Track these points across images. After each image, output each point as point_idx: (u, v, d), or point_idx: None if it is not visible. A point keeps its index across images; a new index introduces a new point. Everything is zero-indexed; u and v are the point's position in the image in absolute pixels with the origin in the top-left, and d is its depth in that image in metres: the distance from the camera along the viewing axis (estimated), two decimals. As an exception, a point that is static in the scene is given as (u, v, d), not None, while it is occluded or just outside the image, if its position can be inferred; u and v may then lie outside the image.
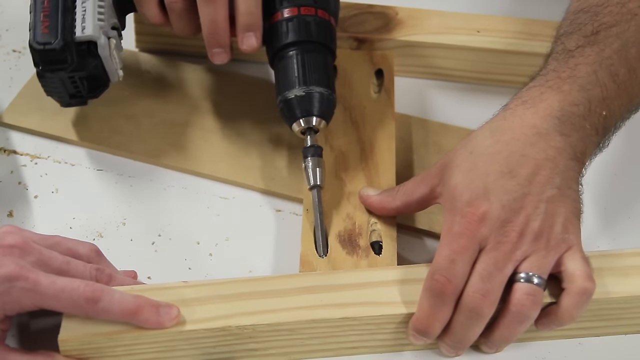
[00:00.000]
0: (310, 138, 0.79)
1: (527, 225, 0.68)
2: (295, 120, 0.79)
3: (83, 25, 0.77)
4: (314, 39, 0.81)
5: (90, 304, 0.66)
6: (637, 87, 0.76)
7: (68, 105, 0.83)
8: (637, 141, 0.90)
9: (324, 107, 0.79)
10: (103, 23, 0.78)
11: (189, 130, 0.88)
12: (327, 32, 0.82)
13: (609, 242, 0.81)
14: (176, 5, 0.79)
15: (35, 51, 0.76)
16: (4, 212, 0.81)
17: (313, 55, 0.80)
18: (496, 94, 0.75)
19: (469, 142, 0.73)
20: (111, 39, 0.79)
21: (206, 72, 0.94)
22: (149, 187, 0.84)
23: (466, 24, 0.94)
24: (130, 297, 0.67)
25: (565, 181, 0.70)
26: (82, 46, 0.77)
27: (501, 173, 0.69)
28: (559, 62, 0.75)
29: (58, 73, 0.77)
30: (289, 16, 0.81)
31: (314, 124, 0.79)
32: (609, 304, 0.71)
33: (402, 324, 0.70)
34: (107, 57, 0.78)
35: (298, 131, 0.80)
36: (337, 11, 0.85)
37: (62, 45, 0.76)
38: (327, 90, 0.79)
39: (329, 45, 0.82)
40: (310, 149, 0.79)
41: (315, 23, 0.81)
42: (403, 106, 0.91)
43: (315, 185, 0.78)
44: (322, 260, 0.76)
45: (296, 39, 0.80)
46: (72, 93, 0.80)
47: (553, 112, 0.71)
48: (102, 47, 0.78)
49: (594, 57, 0.74)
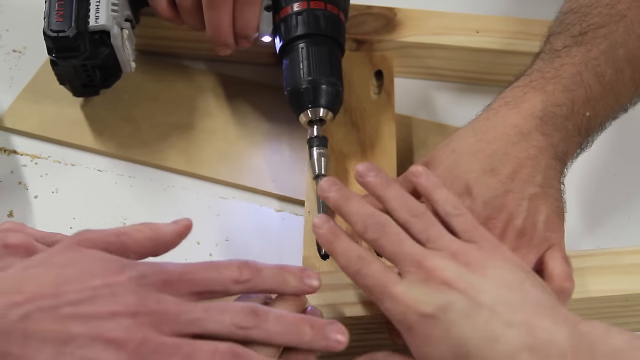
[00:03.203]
0: (317, 128, 0.80)
1: (510, 222, 0.68)
2: (302, 110, 0.79)
3: (97, 15, 0.79)
4: (323, 32, 0.81)
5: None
6: (624, 88, 0.76)
7: (80, 95, 0.84)
8: (637, 141, 0.90)
9: (331, 99, 0.80)
10: (116, 14, 0.80)
11: (188, 133, 0.88)
12: (336, 26, 0.83)
13: (609, 242, 0.81)
14: (186, 2, 0.81)
15: (49, 38, 0.78)
16: (4, 212, 0.81)
17: (322, 48, 0.81)
18: (496, 94, 0.75)
19: (451, 141, 0.73)
20: (124, 30, 0.81)
21: (205, 74, 0.94)
22: (149, 187, 0.84)
23: (465, 24, 0.94)
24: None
25: (547, 180, 0.70)
26: (95, 35, 0.79)
27: (483, 171, 0.70)
28: (545, 62, 0.75)
29: (71, 61, 0.79)
30: (298, 10, 0.82)
31: (321, 115, 0.79)
32: (611, 301, 0.71)
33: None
34: (120, 47, 0.80)
35: (305, 121, 0.80)
36: (347, 7, 0.86)
37: (76, 34, 0.78)
38: (335, 83, 0.80)
39: (337, 39, 0.82)
40: (315, 139, 0.79)
41: (324, 17, 0.82)
42: (403, 107, 0.91)
43: (320, 175, 0.78)
44: (324, 262, 0.76)
45: (306, 32, 0.81)
46: (84, 82, 0.82)
47: (535, 112, 0.72)
48: (114, 36, 0.79)
49: (580, 58, 0.74)
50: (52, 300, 0.56)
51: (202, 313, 0.59)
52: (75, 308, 0.57)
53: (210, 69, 0.93)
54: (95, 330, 0.56)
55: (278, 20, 0.83)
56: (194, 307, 0.59)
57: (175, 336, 0.58)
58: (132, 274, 0.59)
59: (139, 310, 0.57)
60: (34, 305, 0.56)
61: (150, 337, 0.57)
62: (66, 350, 0.55)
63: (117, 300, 0.57)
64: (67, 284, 0.58)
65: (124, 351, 0.56)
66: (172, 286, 0.60)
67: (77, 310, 0.57)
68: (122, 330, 0.56)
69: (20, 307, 0.56)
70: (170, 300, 0.59)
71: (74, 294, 0.57)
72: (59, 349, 0.55)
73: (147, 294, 0.58)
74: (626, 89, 0.76)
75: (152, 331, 0.57)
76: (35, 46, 0.77)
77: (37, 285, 0.57)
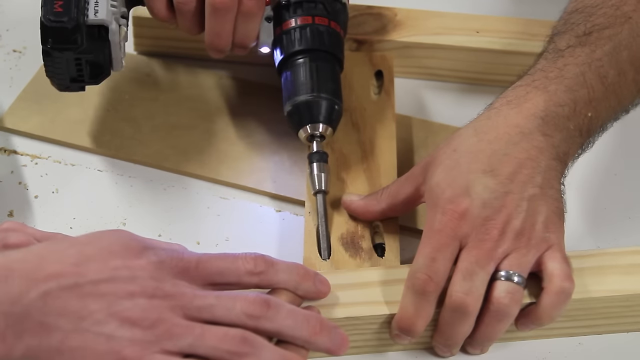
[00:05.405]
0: (317, 144, 0.79)
1: (509, 223, 0.68)
2: (302, 126, 0.79)
3: (96, 9, 0.77)
4: (326, 48, 0.81)
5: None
6: (627, 90, 0.76)
7: (66, 90, 0.81)
8: (638, 141, 0.90)
9: (331, 115, 0.80)
10: (115, 9, 0.78)
11: (189, 133, 0.88)
12: (337, 43, 0.83)
13: (609, 242, 0.81)
14: (186, 7, 0.80)
15: (46, 27, 0.76)
16: (4, 212, 0.81)
17: (324, 64, 0.81)
18: (496, 94, 0.75)
19: (452, 141, 0.73)
20: (121, 27, 0.79)
21: (206, 75, 0.94)
22: (149, 187, 0.84)
23: (465, 24, 0.94)
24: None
25: (547, 180, 0.70)
26: (93, 29, 0.77)
27: (483, 171, 0.69)
28: (548, 61, 0.75)
29: (66, 53, 0.77)
30: (302, 24, 0.81)
31: (320, 130, 0.79)
32: (611, 302, 0.71)
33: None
34: (117, 43, 0.79)
35: (305, 137, 0.80)
36: (346, 26, 0.86)
37: (74, 25, 0.76)
38: (335, 99, 0.80)
39: (338, 56, 0.82)
40: (315, 154, 0.79)
41: (328, 33, 0.82)
42: (403, 107, 0.91)
43: (320, 191, 0.78)
44: (325, 263, 0.76)
45: (309, 47, 0.81)
46: (73, 76, 0.79)
47: (537, 112, 0.72)
48: (112, 32, 0.78)
49: (584, 58, 0.74)
50: (73, 278, 0.59)
51: (214, 299, 0.61)
52: (94, 286, 0.59)
53: (211, 70, 0.93)
54: (112, 308, 0.58)
55: (279, 32, 0.82)
56: (207, 294, 0.62)
57: (188, 320, 0.60)
58: (152, 258, 0.62)
59: (155, 292, 0.60)
60: (55, 283, 0.58)
61: (165, 318, 0.59)
62: (83, 326, 0.58)
63: (135, 282, 0.60)
64: (89, 262, 0.60)
65: (138, 329, 0.58)
66: (188, 274, 0.62)
67: (96, 289, 0.59)
68: (138, 310, 0.59)
69: (41, 285, 0.58)
70: (185, 285, 0.62)
71: (94, 272, 0.59)
72: (76, 324, 0.58)
73: (164, 278, 0.61)
74: (628, 90, 0.76)
75: (167, 312, 0.59)
76: (36, 46, 0.76)
77: (58, 262, 0.60)
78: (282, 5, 0.83)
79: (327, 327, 0.64)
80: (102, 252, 0.61)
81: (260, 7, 0.80)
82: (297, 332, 0.63)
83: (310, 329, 0.63)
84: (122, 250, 0.62)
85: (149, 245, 0.63)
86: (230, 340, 0.60)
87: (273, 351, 0.61)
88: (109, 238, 0.63)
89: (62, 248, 0.62)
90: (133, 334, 0.58)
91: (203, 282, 0.63)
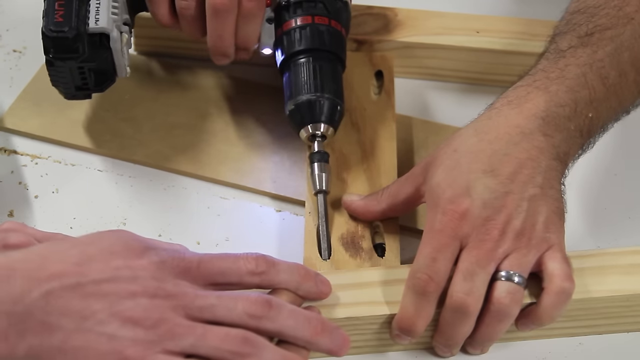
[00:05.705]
0: (318, 144, 0.79)
1: (509, 223, 0.68)
2: (303, 126, 0.80)
3: (97, 17, 0.77)
4: (327, 47, 0.81)
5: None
6: (627, 91, 0.76)
7: (72, 98, 0.82)
8: (638, 141, 0.90)
9: (333, 115, 0.80)
10: (116, 17, 0.79)
11: (189, 133, 0.88)
12: (339, 43, 0.83)
13: (609, 242, 0.81)
14: (187, 11, 0.80)
15: (48, 38, 0.77)
16: (4, 212, 0.81)
17: (325, 64, 0.81)
18: (496, 94, 0.75)
19: (453, 141, 0.73)
20: (123, 34, 0.80)
21: (206, 75, 0.94)
22: (149, 187, 0.84)
23: (465, 24, 0.94)
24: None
25: (547, 181, 0.70)
26: (95, 38, 0.78)
27: (483, 171, 0.69)
28: (549, 61, 0.75)
29: (68, 62, 0.78)
30: (302, 24, 0.82)
31: (321, 130, 0.79)
32: (611, 302, 0.71)
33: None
34: (118, 50, 0.79)
35: (306, 137, 0.80)
36: (348, 24, 0.86)
37: (75, 35, 0.76)
38: (336, 99, 0.80)
39: (339, 55, 0.82)
40: (317, 154, 0.79)
41: (328, 33, 0.82)
42: (403, 107, 0.91)
43: (321, 191, 0.78)
44: (325, 263, 0.76)
45: (309, 47, 0.81)
46: (78, 85, 0.80)
47: (538, 113, 0.72)
48: (114, 40, 0.78)
49: (585, 59, 0.74)
50: (76, 277, 0.59)
51: (216, 299, 0.62)
52: (97, 286, 0.59)
53: (211, 70, 0.93)
54: (114, 307, 0.59)
55: (280, 33, 0.83)
56: (208, 294, 0.62)
57: (190, 320, 0.60)
58: (154, 259, 0.62)
59: (157, 292, 0.60)
60: (57, 282, 0.58)
61: (167, 317, 0.59)
62: (85, 326, 0.58)
63: (137, 282, 0.60)
64: (91, 262, 0.60)
65: (140, 329, 0.59)
66: (189, 274, 0.63)
67: (98, 289, 0.59)
68: (140, 310, 0.59)
69: (43, 285, 0.58)
70: (187, 285, 0.62)
71: (96, 272, 0.60)
72: (79, 324, 0.58)
73: (166, 278, 0.61)
74: (629, 91, 0.76)
75: (169, 312, 0.60)
76: (36, 46, 0.76)
77: (60, 262, 0.60)
78: (282, 6, 0.83)
79: (328, 328, 0.64)
80: (103, 252, 0.61)
81: (261, 8, 0.81)
82: (298, 332, 0.63)
83: (312, 329, 0.64)
84: (124, 251, 0.62)
85: (150, 246, 0.63)
86: (231, 340, 0.60)
87: (274, 351, 0.61)
88: (111, 238, 0.63)
89: (64, 248, 0.62)
90: (135, 334, 0.58)
91: (204, 282, 0.63)
